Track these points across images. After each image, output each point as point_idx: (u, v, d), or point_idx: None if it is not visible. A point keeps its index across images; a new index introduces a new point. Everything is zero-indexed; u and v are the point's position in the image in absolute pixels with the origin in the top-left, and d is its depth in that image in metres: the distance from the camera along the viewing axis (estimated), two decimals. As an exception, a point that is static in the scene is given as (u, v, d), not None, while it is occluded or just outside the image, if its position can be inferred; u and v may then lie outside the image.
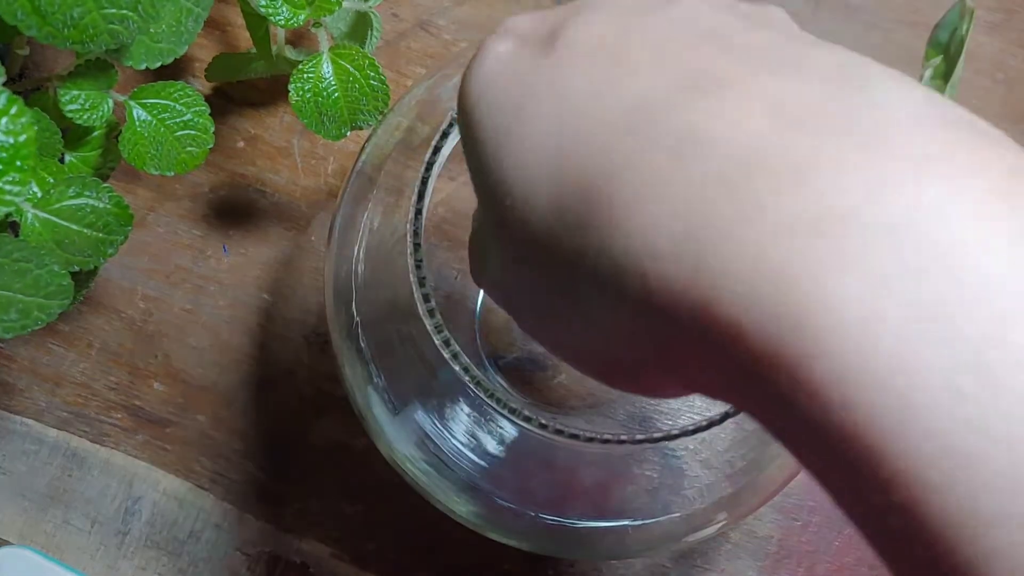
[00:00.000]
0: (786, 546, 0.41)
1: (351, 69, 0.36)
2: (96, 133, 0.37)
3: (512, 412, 0.28)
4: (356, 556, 0.41)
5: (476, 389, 0.28)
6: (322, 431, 0.42)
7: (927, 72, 0.43)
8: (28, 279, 0.31)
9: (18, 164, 0.28)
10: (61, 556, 0.41)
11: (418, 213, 0.29)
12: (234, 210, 0.44)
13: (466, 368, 0.29)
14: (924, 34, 0.43)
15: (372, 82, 0.36)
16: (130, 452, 0.42)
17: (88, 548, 0.42)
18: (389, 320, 0.33)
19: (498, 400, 0.28)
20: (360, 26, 0.39)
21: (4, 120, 0.28)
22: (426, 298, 0.29)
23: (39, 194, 0.33)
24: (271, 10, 0.35)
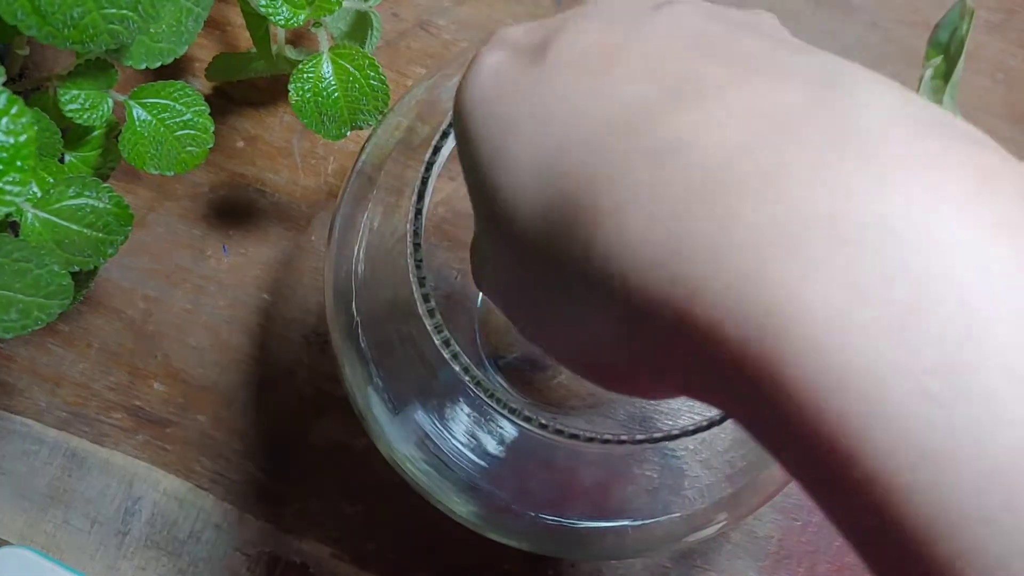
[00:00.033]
0: (786, 546, 0.41)
1: (351, 69, 0.36)
2: (96, 133, 0.37)
3: (512, 412, 0.28)
4: (356, 556, 0.41)
5: (476, 389, 0.28)
6: (322, 431, 0.42)
7: (927, 72, 0.43)
8: (28, 279, 0.31)
9: (18, 164, 0.28)
10: (61, 556, 0.41)
11: (418, 213, 0.29)
12: (234, 210, 0.44)
13: (466, 368, 0.29)
14: (924, 34, 0.43)
15: (372, 82, 0.36)
16: (130, 452, 0.42)
17: (88, 548, 0.42)
18: (389, 320, 0.33)
19: (498, 400, 0.28)
20: (360, 26, 0.39)
21: (4, 120, 0.28)
22: (426, 298, 0.29)
23: (39, 194, 0.33)
24: (271, 10, 0.35)
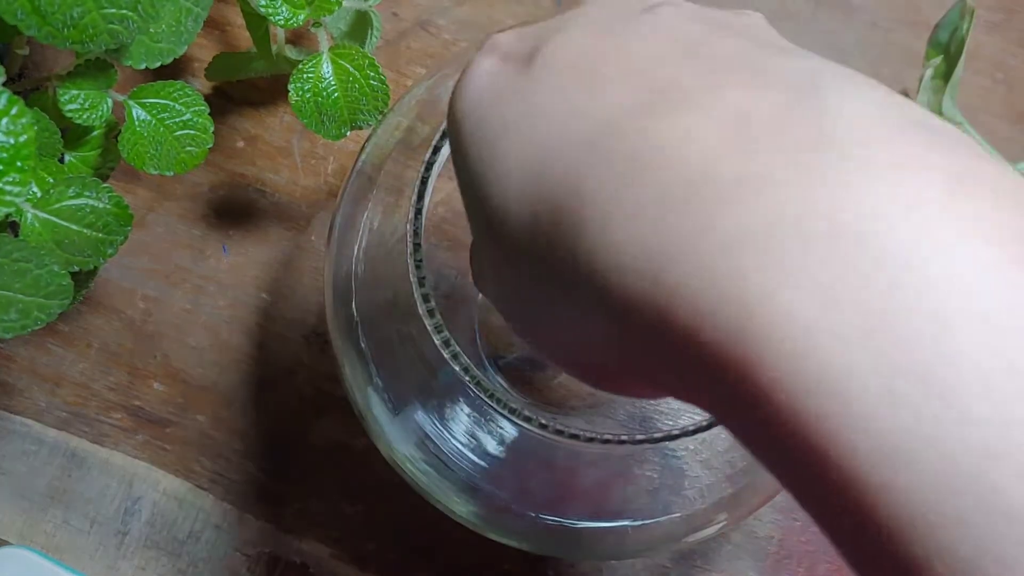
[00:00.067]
0: (786, 546, 0.41)
1: (351, 69, 0.36)
2: (96, 133, 0.36)
3: (512, 412, 0.28)
4: (356, 556, 0.41)
5: (476, 389, 0.28)
6: (322, 431, 0.42)
7: (927, 72, 0.43)
8: (28, 279, 0.31)
9: (18, 164, 0.28)
10: (61, 556, 0.41)
11: (418, 213, 0.29)
12: (234, 210, 0.44)
13: (466, 368, 0.29)
14: (924, 34, 0.43)
15: (372, 82, 0.36)
16: (130, 452, 0.42)
17: (88, 548, 0.42)
18: (389, 320, 0.33)
19: (498, 400, 0.28)
20: (360, 26, 0.39)
21: (4, 120, 0.28)
22: (426, 298, 0.29)
23: (39, 194, 0.33)
24: (271, 10, 0.35)
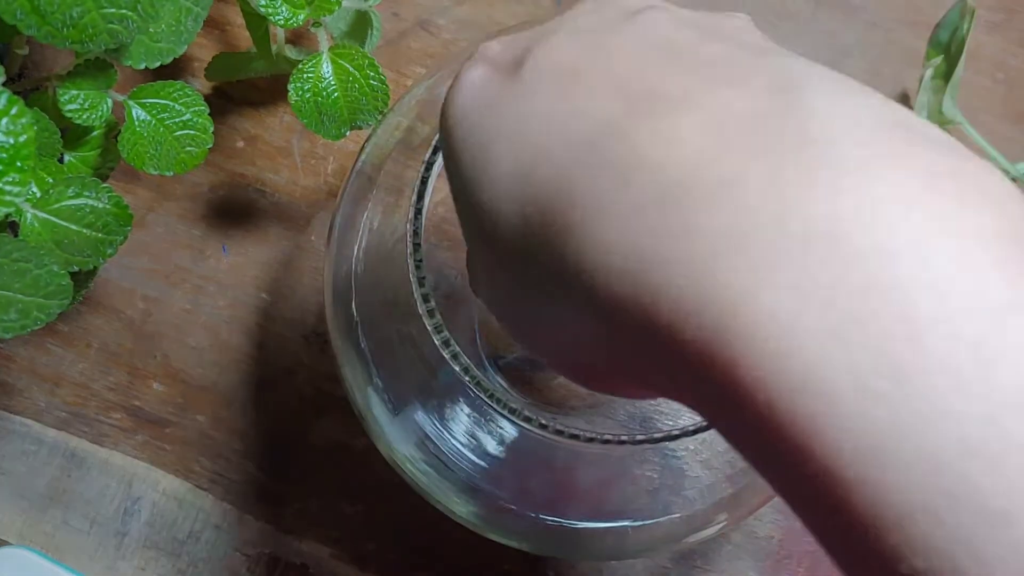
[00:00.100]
0: (787, 547, 0.41)
1: (351, 69, 0.36)
2: (95, 133, 0.36)
3: (512, 412, 0.28)
4: (356, 556, 0.41)
5: (476, 389, 0.28)
6: (322, 431, 0.42)
7: (927, 72, 0.43)
8: (27, 279, 0.31)
9: (18, 164, 0.28)
10: (60, 556, 0.41)
11: (418, 213, 0.29)
12: (234, 210, 0.44)
13: (466, 368, 0.29)
14: (924, 34, 0.43)
15: (372, 82, 0.36)
16: (129, 452, 0.42)
17: (87, 548, 0.42)
18: (389, 320, 0.33)
19: (498, 400, 0.28)
20: (360, 25, 0.39)
21: (4, 120, 0.28)
22: (426, 298, 0.29)
23: (38, 194, 0.33)
24: (271, 10, 0.35)
